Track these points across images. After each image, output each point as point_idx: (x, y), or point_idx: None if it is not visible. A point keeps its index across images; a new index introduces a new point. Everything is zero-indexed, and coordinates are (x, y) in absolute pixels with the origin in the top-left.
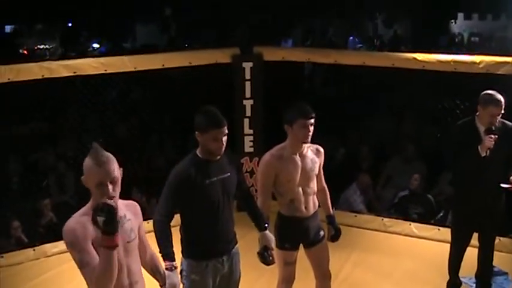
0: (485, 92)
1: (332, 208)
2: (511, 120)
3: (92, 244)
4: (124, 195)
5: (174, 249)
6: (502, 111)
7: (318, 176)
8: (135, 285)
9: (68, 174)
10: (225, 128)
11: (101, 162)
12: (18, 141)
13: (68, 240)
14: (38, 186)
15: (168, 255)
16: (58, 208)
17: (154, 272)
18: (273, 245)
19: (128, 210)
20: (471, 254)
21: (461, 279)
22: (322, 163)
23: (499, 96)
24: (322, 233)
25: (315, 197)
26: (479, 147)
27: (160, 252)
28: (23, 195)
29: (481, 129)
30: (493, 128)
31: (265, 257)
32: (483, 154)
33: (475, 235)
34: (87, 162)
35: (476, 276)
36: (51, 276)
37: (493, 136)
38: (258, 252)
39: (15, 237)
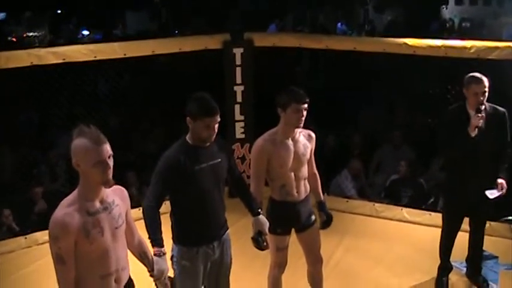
0: (468, 75)
1: (323, 194)
2: (503, 106)
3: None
4: (118, 182)
5: (164, 235)
6: (486, 89)
7: (309, 161)
8: (122, 272)
9: (60, 162)
10: (218, 116)
11: (99, 140)
12: (9, 130)
13: (52, 233)
14: (28, 174)
15: (157, 241)
16: (49, 196)
17: (143, 258)
18: (267, 229)
19: (116, 195)
20: (462, 239)
21: (452, 263)
22: (313, 148)
23: (480, 75)
24: (313, 217)
25: (306, 181)
26: (468, 128)
27: (149, 237)
28: (13, 184)
29: (472, 113)
30: (482, 107)
31: (259, 242)
32: (472, 134)
33: (466, 220)
34: (81, 142)
35: (467, 260)
36: (43, 263)
37: (479, 115)
38: (252, 237)
39: (7, 225)
